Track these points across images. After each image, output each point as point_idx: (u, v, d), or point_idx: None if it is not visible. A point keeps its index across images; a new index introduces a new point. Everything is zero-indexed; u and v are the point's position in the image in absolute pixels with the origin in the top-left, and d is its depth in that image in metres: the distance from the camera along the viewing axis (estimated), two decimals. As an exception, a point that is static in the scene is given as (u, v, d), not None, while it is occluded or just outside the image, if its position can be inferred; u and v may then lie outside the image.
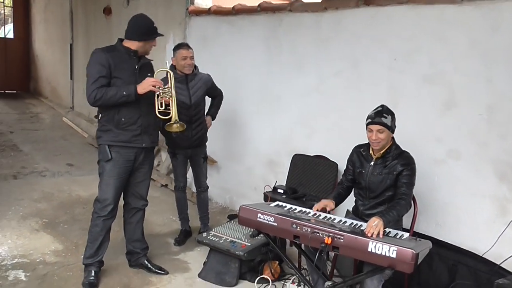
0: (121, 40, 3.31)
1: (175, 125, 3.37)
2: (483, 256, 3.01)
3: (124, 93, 3.13)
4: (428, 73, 3.38)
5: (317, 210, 2.94)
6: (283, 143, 4.51)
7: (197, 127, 4.04)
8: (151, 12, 6.25)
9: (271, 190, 4.04)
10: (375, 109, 2.92)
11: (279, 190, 3.90)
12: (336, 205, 3.04)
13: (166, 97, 3.28)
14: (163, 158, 6.17)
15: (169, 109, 3.33)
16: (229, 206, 5.04)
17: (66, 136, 8.15)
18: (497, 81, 2.98)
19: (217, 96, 4.26)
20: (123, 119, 3.23)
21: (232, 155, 5.00)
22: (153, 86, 3.19)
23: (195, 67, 4.07)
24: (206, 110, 4.23)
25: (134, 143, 3.30)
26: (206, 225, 4.32)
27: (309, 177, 4.02)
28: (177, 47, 3.99)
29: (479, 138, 3.11)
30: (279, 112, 4.55)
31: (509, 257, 2.83)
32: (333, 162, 3.89)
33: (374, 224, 2.56)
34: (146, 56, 3.40)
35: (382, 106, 2.93)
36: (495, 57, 3.00)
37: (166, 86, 3.29)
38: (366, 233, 2.53)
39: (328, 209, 2.96)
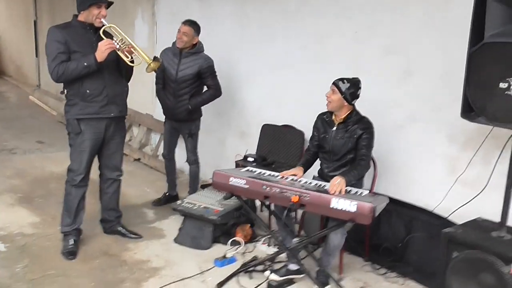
0: (76, 16, 3.34)
1: (151, 64, 3.32)
2: (434, 211, 3.31)
3: (85, 63, 3.17)
4: (388, 44, 3.60)
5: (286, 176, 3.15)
6: (253, 115, 4.70)
7: (179, 102, 4.15)
8: (119, -13, 6.25)
9: (242, 158, 4.22)
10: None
11: (249, 159, 4.09)
12: (305, 171, 3.26)
13: (125, 47, 3.27)
14: (135, 133, 6.27)
15: (135, 55, 3.33)
16: (202, 177, 5.21)
17: (34, 114, 8.09)
18: (451, 50, 3.21)
19: (210, 87, 4.23)
20: (88, 91, 3.29)
21: (204, 128, 5.14)
22: (108, 46, 3.20)
23: (194, 46, 4.13)
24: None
25: (102, 113, 3.36)
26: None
27: (277, 146, 4.24)
28: (182, 23, 4.10)
29: (433, 103, 3.36)
30: (249, 85, 4.72)
31: (455, 210, 3.12)
32: (300, 130, 4.11)
33: (337, 183, 2.79)
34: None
35: (355, 77, 3.16)
36: (449, 27, 3.23)
37: (118, 39, 3.27)
38: (330, 190, 2.76)
39: (297, 177, 3.17)
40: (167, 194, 4.58)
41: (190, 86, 4.15)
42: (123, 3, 6.21)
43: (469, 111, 2.63)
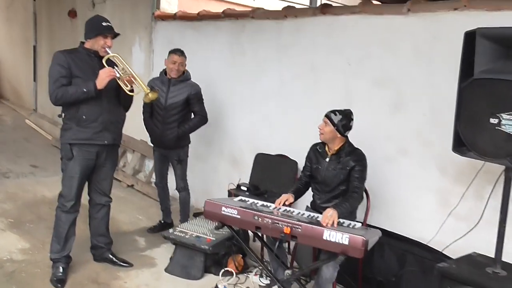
0: (82, 43, 3.43)
1: (149, 94, 3.38)
2: (428, 244, 3.29)
3: (84, 89, 3.22)
4: (378, 77, 3.66)
5: (279, 204, 3.14)
6: (246, 143, 4.72)
7: (168, 130, 4.20)
8: (117, 15, 6.37)
9: (234, 187, 4.22)
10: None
11: (242, 187, 4.10)
12: (296, 199, 3.26)
13: (126, 76, 3.33)
14: (129, 159, 6.27)
15: (136, 86, 3.38)
16: (194, 205, 5.18)
17: (29, 138, 8.06)
18: (439, 85, 3.27)
19: (196, 113, 4.29)
20: (84, 117, 3.32)
21: (197, 155, 5.16)
22: (108, 74, 3.26)
23: (183, 73, 4.24)
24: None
25: (96, 140, 3.38)
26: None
27: (270, 175, 4.24)
28: (172, 51, 4.20)
29: (424, 136, 3.39)
30: (242, 113, 4.76)
31: (450, 244, 3.11)
32: (293, 160, 4.12)
33: (329, 215, 2.79)
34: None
35: (346, 109, 3.20)
36: (437, 63, 3.29)
37: (120, 68, 3.33)
38: (322, 222, 2.76)
39: (287, 202, 3.17)
40: (163, 221, 4.56)
41: (179, 113, 4.20)
42: (122, 30, 6.23)
43: (461, 145, 2.65)
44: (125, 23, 6.27)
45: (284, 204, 3.17)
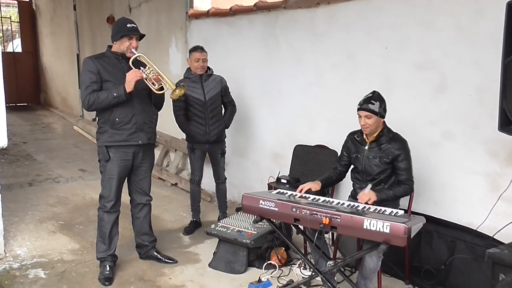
0: (110, 47, 3.48)
1: (176, 91, 3.36)
2: (478, 230, 3.13)
3: (115, 94, 3.27)
4: (419, 59, 3.51)
5: (300, 191, 3.10)
6: (286, 136, 4.66)
7: (213, 124, 4.28)
8: (153, 18, 6.48)
9: (274, 181, 4.18)
10: (366, 96, 3.06)
11: (282, 180, 4.04)
12: (323, 187, 3.20)
13: (152, 75, 3.34)
14: (172, 158, 6.35)
15: (163, 83, 3.38)
16: (237, 200, 5.18)
17: (77, 143, 8.37)
18: (484, 63, 3.10)
19: (228, 104, 4.48)
20: (117, 119, 3.38)
21: (238, 151, 5.16)
22: (134, 75, 3.28)
23: (209, 68, 4.33)
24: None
25: (131, 141, 3.43)
26: (224, 213, 4.59)
27: (310, 166, 4.17)
28: (192, 50, 4.27)
29: (471, 118, 3.23)
30: (280, 107, 4.71)
31: (501, 229, 2.94)
32: (333, 150, 4.03)
33: (367, 192, 2.78)
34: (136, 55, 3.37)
35: (373, 92, 3.07)
36: (481, 40, 3.11)
37: (146, 68, 3.34)
38: (358, 198, 2.75)
39: (313, 189, 3.12)
40: (194, 219, 4.58)
41: (218, 106, 4.35)
42: (158, 32, 6.40)
43: (508, 124, 2.50)
44: (161, 25, 6.37)
45: (310, 192, 3.11)
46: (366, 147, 3.12)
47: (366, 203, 2.86)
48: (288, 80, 4.59)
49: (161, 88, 3.41)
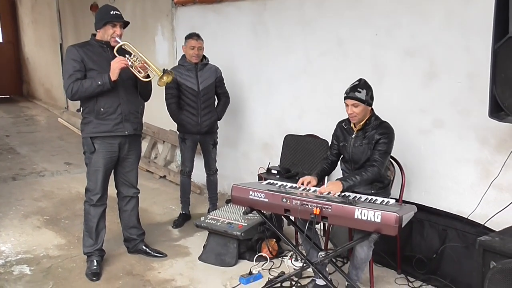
0: (94, 35, 3.38)
1: (164, 77, 3.26)
2: (469, 218, 3.12)
3: (99, 82, 3.18)
4: (409, 46, 3.46)
5: (301, 185, 3.06)
6: (276, 126, 4.60)
7: (206, 115, 4.20)
8: (138, 5, 6.34)
9: (265, 171, 4.13)
10: (352, 84, 3.01)
11: (272, 171, 3.99)
12: (319, 181, 3.13)
13: (138, 63, 3.24)
14: (160, 150, 6.27)
15: (149, 71, 3.29)
16: (227, 192, 5.13)
17: (62, 136, 8.22)
18: (474, 50, 3.06)
19: (222, 95, 4.38)
20: (102, 109, 3.29)
21: (228, 142, 5.09)
22: (119, 63, 3.19)
23: (205, 57, 4.25)
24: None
25: (116, 132, 3.35)
26: (214, 205, 4.52)
27: (301, 156, 4.13)
28: (188, 37, 4.17)
29: (461, 105, 3.20)
30: (270, 96, 4.64)
31: (492, 216, 2.93)
32: (323, 139, 3.98)
33: (326, 187, 2.84)
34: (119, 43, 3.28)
35: (360, 80, 3.02)
36: (471, 27, 3.08)
37: (131, 56, 3.25)
38: (318, 192, 2.78)
39: (310, 185, 3.05)
40: (183, 213, 4.50)
41: (212, 97, 4.26)
42: (143, 20, 6.27)
43: (498, 110, 2.48)
44: (147, 12, 6.23)
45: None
46: (353, 135, 3.07)
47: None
48: (277, 69, 4.52)
49: (148, 76, 3.31)
